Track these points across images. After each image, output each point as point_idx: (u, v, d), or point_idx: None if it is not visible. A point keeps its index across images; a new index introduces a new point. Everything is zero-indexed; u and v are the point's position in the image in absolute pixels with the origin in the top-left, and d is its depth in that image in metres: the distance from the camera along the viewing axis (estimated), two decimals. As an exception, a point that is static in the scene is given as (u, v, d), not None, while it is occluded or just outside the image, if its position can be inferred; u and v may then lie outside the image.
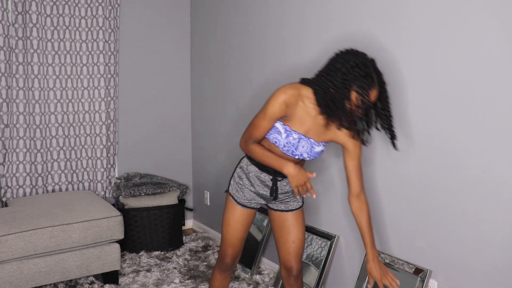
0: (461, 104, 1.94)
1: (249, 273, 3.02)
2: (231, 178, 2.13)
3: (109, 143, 3.57)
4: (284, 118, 1.89)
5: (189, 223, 4.08)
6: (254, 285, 2.91)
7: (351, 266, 2.52)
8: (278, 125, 1.91)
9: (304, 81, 1.91)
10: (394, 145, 1.91)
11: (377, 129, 1.93)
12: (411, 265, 2.17)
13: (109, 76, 3.50)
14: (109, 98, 3.52)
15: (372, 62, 1.81)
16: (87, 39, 3.41)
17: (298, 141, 1.91)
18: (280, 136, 1.90)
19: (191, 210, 4.04)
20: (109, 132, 3.55)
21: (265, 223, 3.09)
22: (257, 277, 2.98)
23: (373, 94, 1.78)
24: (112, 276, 2.88)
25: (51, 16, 3.28)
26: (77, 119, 3.46)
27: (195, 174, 4.03)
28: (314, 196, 1.90)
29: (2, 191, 3.23)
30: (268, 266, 3.11)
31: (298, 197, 1.98)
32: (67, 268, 2.69)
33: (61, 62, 3.35)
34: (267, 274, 3.02)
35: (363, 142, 1.94)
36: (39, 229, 2.59)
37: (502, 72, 1.78)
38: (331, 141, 1.97)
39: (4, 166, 3.23)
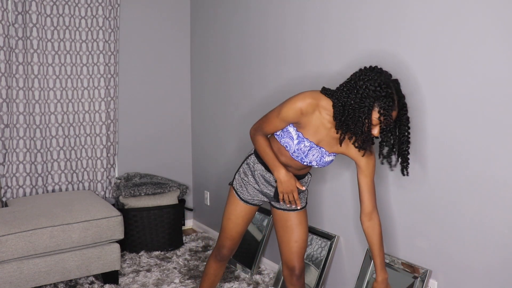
0: (461, 105, 1.94)
1: (249, 273, 3.02)
2: (236, 172, 2.13)
3: (109, 143, 3.57)
4: (298, 124, 1.88)
5: (189, 223, 4.08)
6: (254, 285, 2.91)
7: (351, 266, 2.52)
8: (292, 130, 1.90)
9: (326, 92, 1.85)
10: (404, 171, 1.83)
11: (390, 152, 1.80)
12: (411, 265, 2.17)
13: (109, 76, 3.50)
14: (109, 98, 3.52)
15: (395, 82, 1.75)
16: (87, 39, 3.41)
17: (309, 149, 1.90)
18: (292, 141, 1.90)
19: (191, 210, 4.04)
20: (109, 132, 3.55)
21: (265, 223, 3.09)
22: (257, 277, 2.98)
23: (393, 116, 1.72)
24: (112, 276, 2.88)
25: (51, 16, 3.28)
26: (77, 119, 3.46)
27: (195, 174, 4.03)
28: (299, 207, 1.93)
29: (2, 191, 3.23)
30: (268, 266, 3.11)
31: (281, 203, 1.98)
32: (67, 268, 2.69)
33: (61, 62, 3.35)
34: (267, 274, 3.02)
35: (404, 165, 1.83)
36: (39, 229, 2.59)
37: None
38: (343, 154, 1.94)
39: (4, 166, 3.23)
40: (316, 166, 1.97)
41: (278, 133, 1.96)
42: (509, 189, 1.79)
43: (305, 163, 1.95)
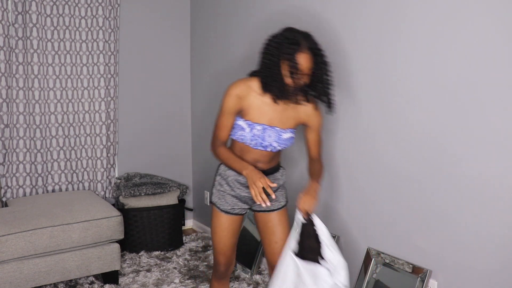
0: (459, 106, 1.94)
1: (249, 273, 3.02)
2: (212, 188, 2.13)
3: (109, 143, 3.57)
4: (242, 112, 1.94)
5: (189, 223, 4.08)
6: (254, 285, 2.91)
7: (351, 266, 2.51)
8: (241, 122, 1.95)
9: (253, 73, 1.98)
10: (330, 108, 1.96)
11: (321, 99, 1.96)
12: (411, 265, 2.17)
13: (109, 76, 3.50)
14: (109, 98, 3.52)
15: (303, 33, 1.87)
16: (87, 39, 3.41)
17: (263, 132, 1.93)
18: (244, 131, 1.94)
19: (191, 210, 4.04)
20: (109, 132, 3.55)
21: (265, 223, 3.09)
22: (257, 277, 2.98)
23: (303, 59, 1.81)
24: (112, 276, 2.88)
25: (51, 16, 3.28)
26: (77, 119, 3.46)
27: (195, 174, 4.03)
28: (273, 196, 1.87)
29: (2, 191, 3.23)
30: (268, 266, 3.11)
31: (258, 201, 1.88)
32: (67, 268, 2.69)
33: (61, 62, 3.35)
34: (267, 274, 3.03)
35: (329, 106, 1.96)
36: (39, 229, 2.59)
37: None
38: (298, 123, 2.00)
39: (4, 166, 3.23)
40: (280, 147, 2.00)
41: (232, 133, 1.99)
42: (508, 189, 1.80)
43: (268, 149, 1.97)
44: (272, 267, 2.15)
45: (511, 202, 1.80)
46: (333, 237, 2.60)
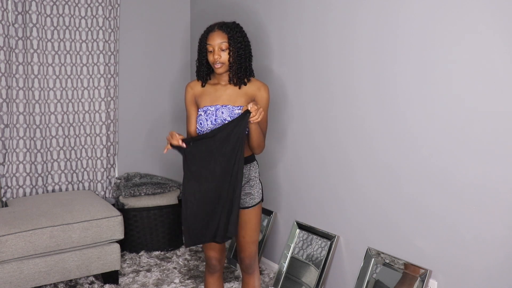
0: (458, 106, 1.94)
1: (249, 273, 3.02)
2: None
3: (109, 143, 3.57)
4: (198, 102, 2.14)
5: (189, 223, 4.07)
6: (254, 285, 2.91)
7: (351, 266, 2.52)
8: (199, 111, 2.12)
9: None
10: (240, 84, 2.09)
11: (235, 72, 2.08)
12: (411, 265, 2.17)
13: (109, 76, 3.50)
14: (109, 98, 3.52)
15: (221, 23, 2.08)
16: (87, 39, 3.41)
17: (216, 111, 2.08)
18: (201, 117, 2.11)
19: (191, 210, 4.04)
20: (109, 132, 3.56)
21: (265, 223, 3.09)
22: (257, 277, 2.98)
23: (213, 36, 2.02)
24: (112, 276, 2.88)
25: (51, 16, 3.28)
26: (77, 119, 3.46)
27: (195, 174, 4.02)
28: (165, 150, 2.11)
29: (2, 191, 3.23)
30: (268, 266, 3.11)
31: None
32: (67, 268, 2.70)
33: (61, 62, 3.35)
34: (267, 274, 3.03)
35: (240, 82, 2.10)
36: (39, 229, 2.59)
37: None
38: (250, 100, 2.10)
39: (4, 166, 3.23)
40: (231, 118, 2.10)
41: (197, 129, 2.15)
42: (508, 190, 1.80)
43: (219, 119, 2.07)
44: (239, 256, 2.23)
45: (511, 202, 1.80)
46: (333, 237, 2.60)
